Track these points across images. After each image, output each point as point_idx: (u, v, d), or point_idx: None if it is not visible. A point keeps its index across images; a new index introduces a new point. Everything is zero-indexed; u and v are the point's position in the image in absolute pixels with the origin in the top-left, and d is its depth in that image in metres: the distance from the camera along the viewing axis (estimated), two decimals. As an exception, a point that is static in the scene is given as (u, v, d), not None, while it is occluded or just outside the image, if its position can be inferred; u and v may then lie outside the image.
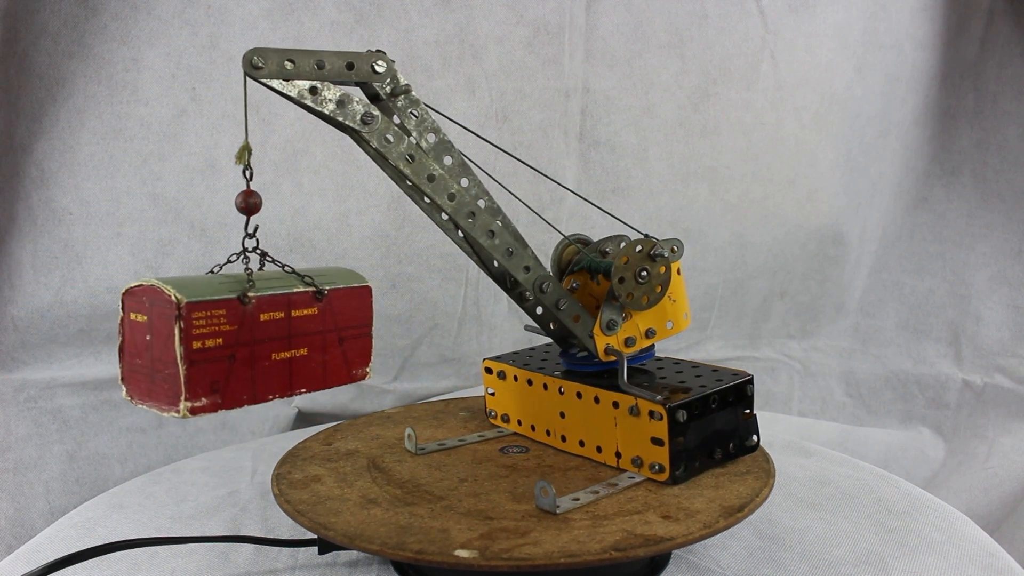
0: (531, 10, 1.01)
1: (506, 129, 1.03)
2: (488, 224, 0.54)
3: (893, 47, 1.19)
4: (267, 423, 1.02)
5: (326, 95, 0.50)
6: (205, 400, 0.47)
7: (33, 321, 0.87)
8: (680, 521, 0.50)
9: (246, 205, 0.50)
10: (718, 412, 0.58)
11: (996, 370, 1.23)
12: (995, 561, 0.59)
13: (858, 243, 1.26)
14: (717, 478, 0.57)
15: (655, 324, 0.63)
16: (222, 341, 0.48)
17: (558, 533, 0.49)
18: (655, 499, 0.54)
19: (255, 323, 0.49)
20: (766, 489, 0.55)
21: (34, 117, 0.84)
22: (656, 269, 0.60)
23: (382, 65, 0.52)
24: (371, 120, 0.51)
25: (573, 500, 0.54)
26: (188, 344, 0.46)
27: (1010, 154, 1.23)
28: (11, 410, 0.87)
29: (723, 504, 0.53)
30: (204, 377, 0.47)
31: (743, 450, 0.60)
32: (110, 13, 0.85)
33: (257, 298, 0.50)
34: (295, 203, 0.95)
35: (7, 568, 0.61)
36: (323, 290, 0.53)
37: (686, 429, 0.56)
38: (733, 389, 0.60)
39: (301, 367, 0.52)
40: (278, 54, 0.49)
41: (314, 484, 0.59)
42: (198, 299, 0.47)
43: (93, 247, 0.88)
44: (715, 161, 1.13)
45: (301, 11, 0.92)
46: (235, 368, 0.49)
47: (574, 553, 0.46)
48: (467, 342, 1.08)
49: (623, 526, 0.50)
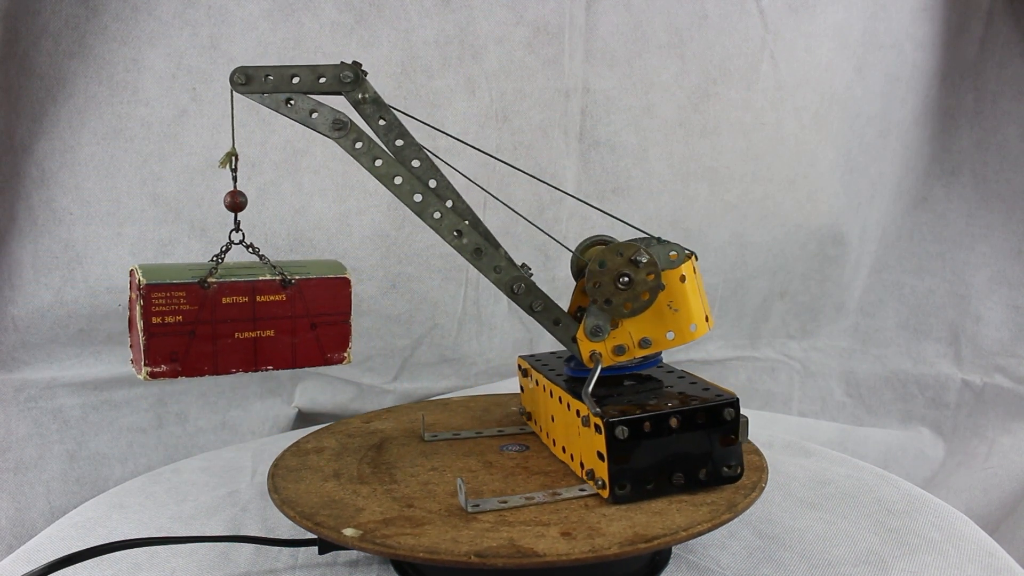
0: (531, 10, 1.01)
1: (506, 129, 1.03)
2: (455, 224, 0.57)
3: (893, 47, 1.19)
4: (267, 423, 1.02)
5: (300, 105, 0.57)
6: (165, 367, 0.56)
7: (33, 321, 0.87)
8: (575, 541, 0.48)
9: (232, 203, 0.58)
10: (681, 434, 0.54)
11: (996, 370, 1.23)
12: (995, 561, 0.59)
13: (858, 243, 1.26)
14: (672, 504, 0.53)
15: (652, 334, 0.59)
16: (182, 318, 0.56)
17: (448, 530, 0.50)
18: (579, 515, 0.52)
19: (216, 305, 0.57)
20: (705, 524, 0.50)
21: (35, 117, 0.85)
22: (641, 275, 0.57)
23: (348, 76, 0.57)
24: (342, 127, 0.57)
25: (500, 502, 0.54)
26: (148, 319, 0.55)
27: (1010, 154, 1.23)
28: (11, 410, 0.87)
29: (638, 532, 0.49)
30: (163, 348, 0.55)
31: (719, 479, 0.55)
32: (111, 14, 0.85)
33: (219, 283, 0.57)
34: (295, 203, 0.95)
35: (7, 568, 0.61)
36: (290, 279, 0.59)
37: (632, 447, 0.53)
38: (704, 411, 0.54)
39: (267, 346, 0.58)
40: (257, 70, 0.56)
41: (314, 455, 0.64)
42: (158, 282, 0.55)
43: (93, 247, 0.88)
44: (715, 161, 1.13)
45: (301, 12, 0.92)
46: (195, 343, 0.56)
47: (436, 551, 0.47)
48: (467, 342, 1.08)
49: (513, 534, 0.49)
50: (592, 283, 0.57)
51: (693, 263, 0.60)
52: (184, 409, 0.97)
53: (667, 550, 0.60)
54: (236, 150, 0.59)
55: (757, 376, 1.27)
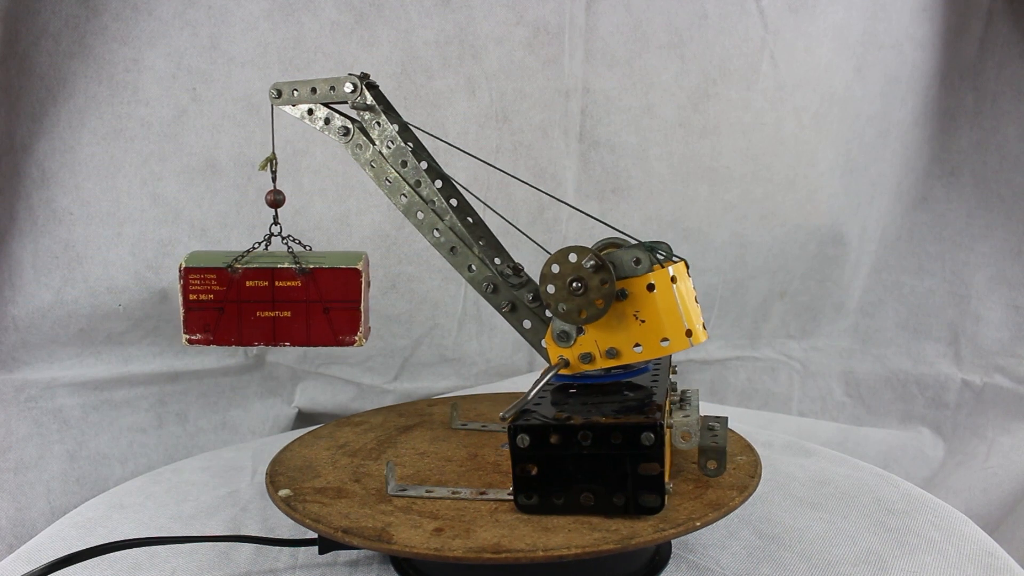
0: (531, 10, 1.01)
1: (506, 129, 1.03)
2: (434, 223, 0.60)
3: (893, 47, 1.19)
4: (267, 423, 1.02)
5: (318, 114, 0.64)
6: (199, 335, 0.66)
7: (34, 321, 0.87)
8: (430, 538, 0.49)
9: (272, 201, 0.67)
10: (594, 452, 0.50)
11: (995, 370, 1.23)
12: (994, 560, 0.59)
13: (858, 243, 1.26)
14: (581, 523, 0.50)
15: (619, 344, 0.55)
16: (213, 297, 0.65)
17: (355, 506, 0.54)
18: (475, 516, 0.52)
19: (241, 287, 0.65)
20: (590, 548, 0.47)
21: (35, 117, 0.85)
22: (595, 281, 0.54)
23: (349, 86, 0.62)
24: (346, 132, 0.62)
25: (426, 491, 0.56)
26: (186, 296, 0.65)
27: (1010, 154, 1.23)
28: (12, 410, 0.87)
29: (498, 543, 0.48)
30: (198, 320, 0.65)
31: (638, 508, 0.50)
32: (111, 14, 0.85)
33: (244, 269, 0.65)
34: (295, 203, 0.95)
35: (8, 568, 0.61)
36: (305, 267, 0.65)
37: (537, 457, 0.51)
38: (620, 430, 0.50)
39: (284, 325, 0.65)
40: (286, 85, 0.64)
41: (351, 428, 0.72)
42: (195, 266, 0.65)
43: (94, 247, 0.88)
44: (715, 161, 1.13)
45: (301, 12, 0.92)
46: (223, 318, 0.65)
47: (320, 520, 0.52)
48: (467, 342, 1.08)
49: (394, 519, 0.52)
50: (546, 287, 0.55)
51: (669, 272, 0.55)
52: (184, 409, 0.97)
53: (667, 550, 0.60)
54: (275, 155, 0.67)
55: (757, 376, 1.27)
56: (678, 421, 0.54)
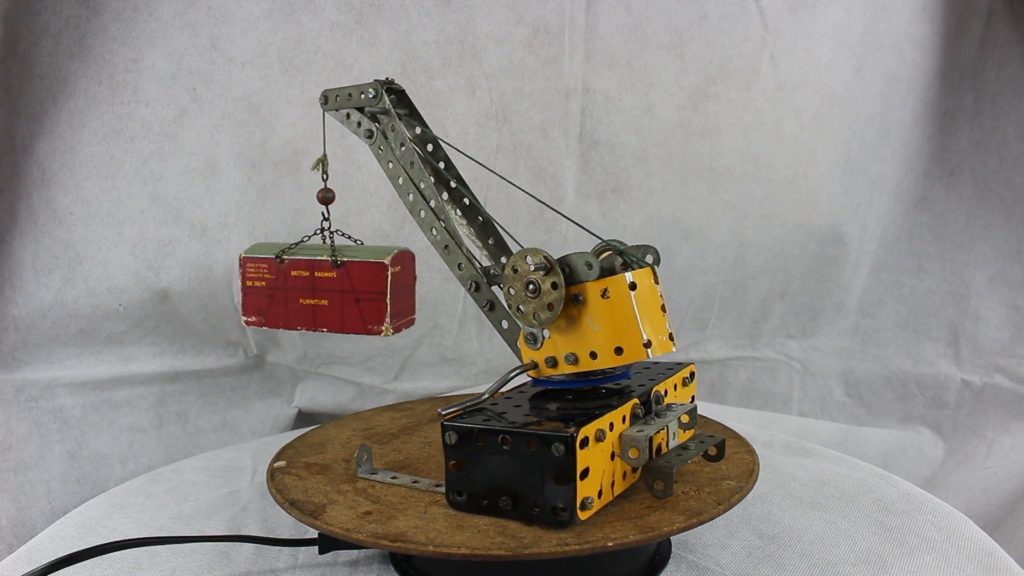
0: (531, 10, 1.01)
1: (506, 129, 1.03)
2: (432, 223, 0.62)
3: (893, 47, 1.19)
4: (267, 423, 1.02)
5: (353, 118, 0.66)
6: (254, 318, 0.72)
7: (34, 321, 0.87)
8: (358, 519, 0.52)
9: (323, 198, 0.71)
10: (512, 457, 0.50)
11: (995, 370, 1.23)
12: (994, 560, 0.59)
13: (858, 243, 1.26)
14: (496, 525, 0.51)
15: (577, 350, 0.54)
16: (265, 284, 0.71)
17: (322, 484, 0.59)
18: (412, 504, 0.54)
19: (287, 276, 0.70)
20: (496, 551, 0.47)
21: (35, 117, 0.85)
22: (546, 284, 0.53)
23: (369, 92, 0.64)
24: (370, 135, 0.65)
25: (392, 477, 0.59)
26: (244, 282, 0.72)
27: (1009, 154, 1.23)
28: (12, 410, 0.87)
29: (388, 531, 0.50)
30: (253, 304, 0.71)
31: (551, 520, 0.49)
32: (111, 14, 0.85)
33: (289, 259, 0.70)
34: (295, 203, 0.95)
35: (8, 567, 0.61)
36: (339, 260, 0.68)
37: (464, 455, 0.52)
38: (537, 439, 0.49)
39: (323, 312, 0.70)
40: (330, 91, 0.67)
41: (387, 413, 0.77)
42: (251, 255, 0.71)
43: (94, 247, 0.88)
44: (715, 161, 1.13)
45: (301, 12, 0.92)
46: (273, 303, 0.71)
47: (281, 490, 0.57)
48: (467, 342, 1.08)
49: (340, 499, 0.55)
50: (507, 288, 0.55)
51: (627, 278, 0.53)
52: (184, 409, 0.97)
53: (667, 550, 0.60)
54: (327, 157, 0.71)
55: (757, 376, 1.27)
56: (627, 435, 0.52)
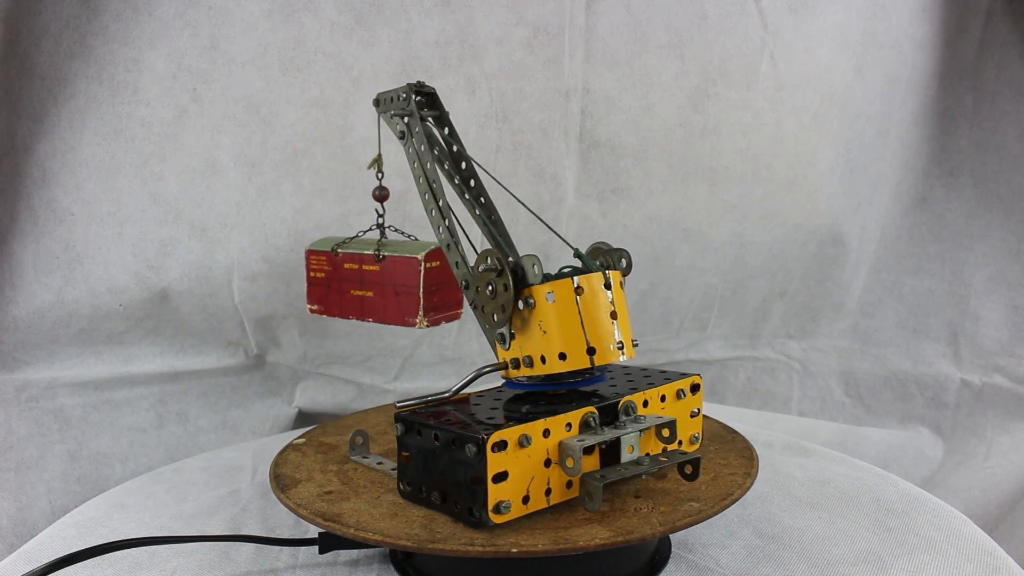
0: (531, 10, 1.01)
1: (506, 129, 1.03)
2: (439, 221, 0.64)
3: (893, 47, 1.19)
4: (267, 423, 1.02)
5: (394, 119, 0.67)
6: (316, 306, 0.77)
7: (34, 321, 0.87)
8: (315, 498, 0.55)
9: (379, 196, 0.74)
10: (442, 453, 0.51)
11: (995, 370, 1.24)
12: (993, 560, 0.59)
13: (858, 243, 1.27)
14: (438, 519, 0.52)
15: (532, 354, 0.54)
16: (324, 275, 0.76)
17: (312, 463, 0.63)
18: (368, 490, 0.57)
19: (341, 268, 0.75)
20: (403, 541, 0.49)
21: (36, 118, 0.85)
22: (499, 285, 0.53)
23: (400, 95, 0.66)
24: (403, 136, 0.67)
25: (378, 463, 0.62)
26: (308, 273, 0.77)
27: (1009, 154, 1.23)
28: (12, 410, 0.87)
29: (336, 513, 0.53)
30: (315, 293, 0.77)
31: (467, 519, 0.50)
32: (112, 14, 0.85)
33: (342, 253, 0.74)
34: (296, 203, 0.95)
35: (9, 567, 0.61)
36: (381, 255, 0.71)
37: (409, 447, 0.53)
38: (457, 438, 0.50)
39: (369, 303, 0.73)
40: (381, 94, 0.69)
41: None
42: (314, 248, 0.76)
43: (94, 247, 0.88)
44: (715, 161, 1.13)
45: (302, 12, 0.92)
46: (330, 293, 0.76)
47: (277, 465, 0.63)
48: (467, 342, 1.08)
49: (316, 479, 0.59)
50: (474, 287, 0.55)
51: (573, 283, 0.53)
52: (184, 409, 0.97)
53: (667, 549, 0.60)
54: (382, 156, 0.73)
55: (757, 376, 1.27)
56: (564, 443, 0.51)
